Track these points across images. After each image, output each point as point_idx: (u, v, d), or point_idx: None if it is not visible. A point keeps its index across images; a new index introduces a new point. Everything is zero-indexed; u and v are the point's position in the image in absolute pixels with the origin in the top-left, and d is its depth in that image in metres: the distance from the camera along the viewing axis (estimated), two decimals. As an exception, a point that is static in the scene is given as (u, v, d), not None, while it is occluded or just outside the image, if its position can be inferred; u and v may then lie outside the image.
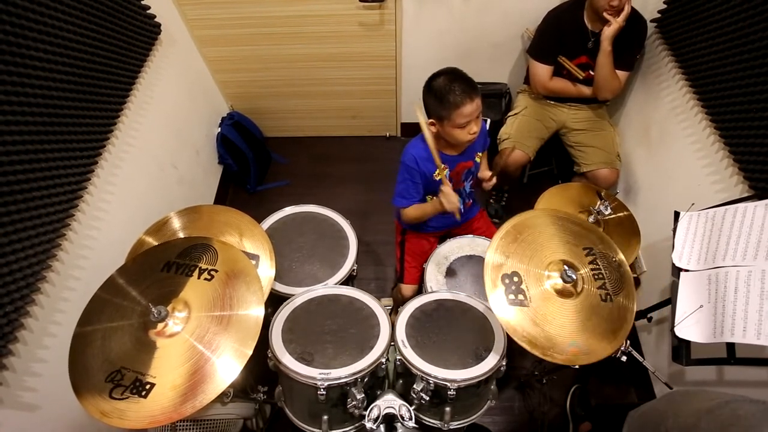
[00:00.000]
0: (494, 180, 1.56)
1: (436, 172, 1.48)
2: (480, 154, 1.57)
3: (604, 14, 1.72)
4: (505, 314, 1.13)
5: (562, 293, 1.17)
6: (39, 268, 1.24)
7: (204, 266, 1.17)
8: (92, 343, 1.06)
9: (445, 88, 1.31)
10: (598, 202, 1.55)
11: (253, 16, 2.16)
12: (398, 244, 1.76)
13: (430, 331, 1.34)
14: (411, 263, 1.72)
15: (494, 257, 1.20)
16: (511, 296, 1.15)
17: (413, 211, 1.55)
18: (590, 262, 1.24)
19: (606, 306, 1.18)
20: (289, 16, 2.16)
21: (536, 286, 1.17)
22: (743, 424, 0.87)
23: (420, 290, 1.68)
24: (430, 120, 1.39)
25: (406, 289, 1.72)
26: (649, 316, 1.63)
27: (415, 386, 1.26)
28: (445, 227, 1.75)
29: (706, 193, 1.62)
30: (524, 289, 1.16)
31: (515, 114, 2.14)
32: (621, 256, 1.28)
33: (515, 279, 1.17)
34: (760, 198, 1.24)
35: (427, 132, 1.33)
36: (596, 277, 1.22)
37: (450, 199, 1.41)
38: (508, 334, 1.15)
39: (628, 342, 1.27)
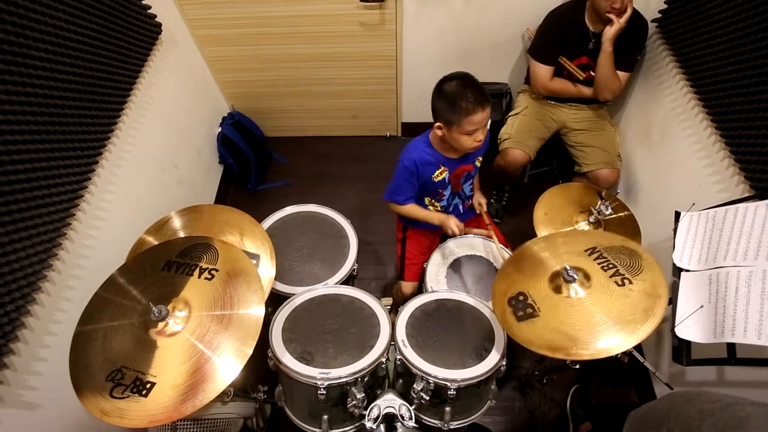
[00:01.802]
0: (484, 207, 1.66)
1: (435, 174, 1.49)
2: (480, 158, 1.58)
3: (607, 15, 1.72)
4: (519, 332, 1.12)
5: (570, 293, 1.17)
6: (40, 267, 1.24)
7: (204, 265, 1.18)
8: (93, 342, 1.07)
9: (458, 94, 1.29)
10: (599, 203, 1.55)
11: (254, 15, 2.16)
12: (399, 241, 1.76)
13: (431, 331, 1.34)
14: (411, 260, 1.72)
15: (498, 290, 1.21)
16: (520, 313, 1.15)
17: (411, 210, 1.57)
18: (596, 259, 1.23)
19: (626, 290, 1.15)
20: (289, 16, 2.16)
21: (543, 297, 1.18)
22: (745, 427, 0.87)
23: (420, 289, 1.68)
24: (437, 123, 1.38)
25: (407, 286, 1.73)
26: (649, 316, 1.63)
27: (415, 386, 1.26)
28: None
29: (707, 193, 1.62)
30: (531, 303, 1.17)
31: (516, 114, 2.14)
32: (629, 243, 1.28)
33: (521, 298, 1.18)
34: (761, 198, 1.24)
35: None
36: (606, 267, 1.20)
37: (452, 228, 1.49)
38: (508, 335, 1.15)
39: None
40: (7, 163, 1.16)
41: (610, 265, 1.21)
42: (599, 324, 1.11)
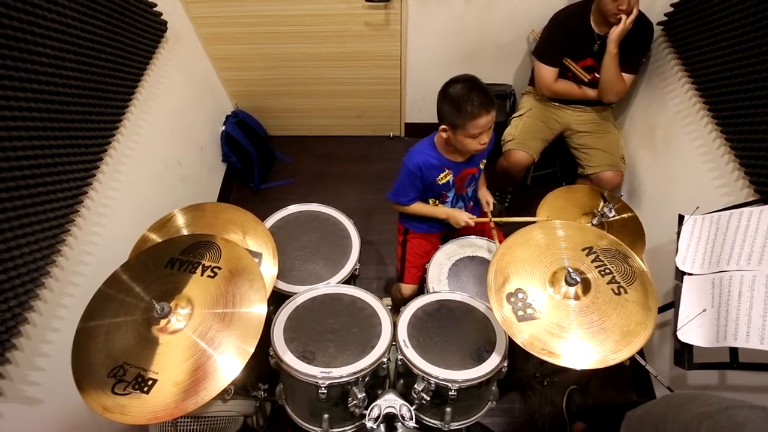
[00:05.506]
0: (490, 206, 1.65)
1: (440, 177, 1.49)
2: (484, 161, 1.57)
3: (617, 17, 1.71)
4: (519, 332, 1.12)
5: (570, 297, 1.17)
6: (43, 263, 1.25)
7: (207, 263, 1.18)
8: (95, 338, 1.07)
9: (463, 97, 1.29)
10: (602, 205, 1.55)
11: (259, 14, 2.16)
12: (400, 243, 1.76)
13: (432, 332, 1.34)
14: (412, 263, 1.72)
15: (494, 282, 1.20)
16: (520, 312, 1.15)
17: (416, 208, 1.58)
18: (593, 261, 1.24)
19: (622, 299, 1.16)
20: (294, 15, 2.16)
21: (543, 298, 1.17)
22: (742, 431, 0.87)
23: (421, 290, 1.68)
24: (442, 126, 1.38)
25: (406, 288, 1.73)
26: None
27: (416, 386, 1.26)
28: (448, 228, 1.74)
29: (711, 197, 1.61)
30: (531, 303, 1.16)
31: (520, 115, 2.14)
32: (625, 248, 1.28)
33: (520, 296, 1.18)
34: (766, 202, 1.23)
35: None
36: (603, 272, 1.21)
37: (464, 220, 1.55)
38: (510, 337, 1.15)
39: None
40: (12, 159, 1.17)
41: (607, 270, 1.22)
42: (597, 332, 1.11)
